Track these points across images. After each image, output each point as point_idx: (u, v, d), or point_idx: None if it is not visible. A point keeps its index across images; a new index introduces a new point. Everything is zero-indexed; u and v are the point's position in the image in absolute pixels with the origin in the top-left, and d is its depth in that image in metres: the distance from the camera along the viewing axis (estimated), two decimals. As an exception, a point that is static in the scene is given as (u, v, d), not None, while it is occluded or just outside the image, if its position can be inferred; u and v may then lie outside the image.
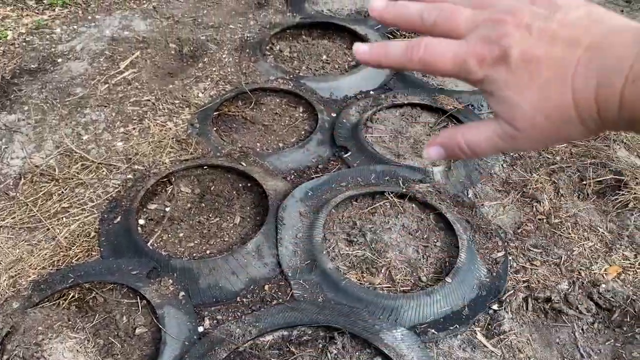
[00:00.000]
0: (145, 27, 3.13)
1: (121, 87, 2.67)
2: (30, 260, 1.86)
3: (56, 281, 1.76)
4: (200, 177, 2.17)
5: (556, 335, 1.72)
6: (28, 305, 1.68)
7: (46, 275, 1.80)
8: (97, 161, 2.22)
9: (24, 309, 1.67)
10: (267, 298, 1.76)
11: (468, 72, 0.46)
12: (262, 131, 2.43)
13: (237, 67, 2.82)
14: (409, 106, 2.54)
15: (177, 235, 1.95)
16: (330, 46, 2.96)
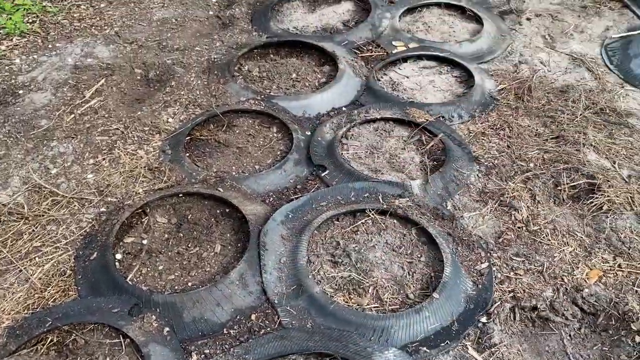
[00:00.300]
0: (108, 54, 3.06)
1: (88, 116, 2.60)
2: (2, 305, 1.77)
3: (33, 326, 1.68)
4: (176, 205, 2.12)
5: (545, 343, 1.72)
6: (4, 354, 1.60)
7: (21, 320, 1.72)
8: (68, 196, 2.15)
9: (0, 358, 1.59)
10: (255, 328, 1.73)
11: None
12: (237, 154, 2.40)
13: (206, 90, 2.78)
14: (382, 121, 2.54)
15: (156, 268, 1.90)
16: (299, 64, 2.95)
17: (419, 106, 2.61)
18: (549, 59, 3.05)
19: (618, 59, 3.01)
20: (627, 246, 1.98)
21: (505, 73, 2.92)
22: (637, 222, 2.06)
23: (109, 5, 3.53)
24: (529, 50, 3.13)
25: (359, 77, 2.84)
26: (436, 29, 3.29)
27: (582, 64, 3.01)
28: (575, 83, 2.83)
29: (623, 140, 2.45)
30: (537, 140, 2.46)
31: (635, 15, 3.39)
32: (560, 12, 3.47)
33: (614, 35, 3.21)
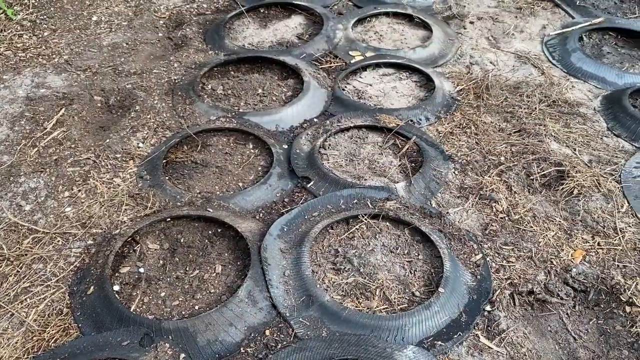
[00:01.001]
0: (62, 83, 2.95)
1: (53, 148, 2.50)
2: None
3: (38, 370, 1.60)
4: (166, 230, 2.08)
5: (547, 324, 1.82)
6: (13, 403, 1.51)
7: (23, 366, 1.63)
8: (49, 232, 2.05)
9: (10, 409, 1.50)
10: (271, 343, 1.72)
11: None
12: (217, 173, 2.38)
13: (172, 112, 2.74)
14: (355, 129, 2.60)
15: (158, 295, 1.85)
16: (263, 79, 2.96)
17: (388, 112, 2.69)
18: (497, 58, 3.23)
19: (559, 54, 3.23)
20: (602, 225, 2.13)
21: (460, 75, 3.07)
22: (606, 202, 2.22)
23: (52, 33, 3.41)
24: (477, 51, 3.30)
25: (324, 88, 2.90)
26: (388, 37, 3.40)
27: (527, 61, 3.21)
28: (526, 79, 3.01)
29: (579, 129, 2.63)
30: (502, 135, 2.59)
31: (566, 13, 3.66)
32: (499, 14, 3.68)
33: (552, 32, 3.44)
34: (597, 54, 3.25)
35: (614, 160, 2.43)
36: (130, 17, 3.61)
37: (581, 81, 3.02)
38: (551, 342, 1.77)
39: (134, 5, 3.74)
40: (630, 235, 2.09)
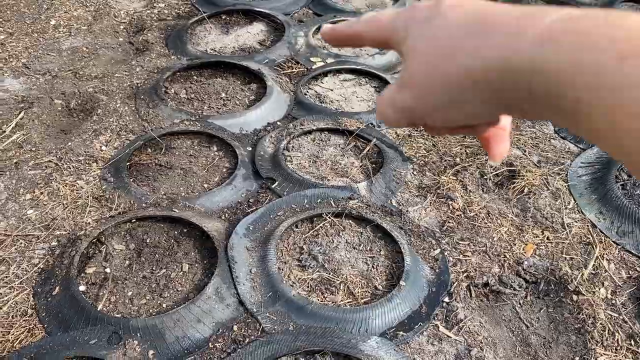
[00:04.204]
0: (20, 86, 2.92)
1: (12, 152, 2.47)
2: (-39, 355, 1.65)
3: (3, 371, 1.59)
4: (132, 231, 2.09)
5: (501, 313, 1.93)
6: (-22, 404, 1.50)
7: (-12, 367, 1.62)
8: (11, 234, 2.03)
9: (-25, 410, 1.48)
10: (239, 338, 1.76)
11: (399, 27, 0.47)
12: (182, 175, 2.40)
13: (135, 115, 2.75)
14: (317, 131, 2.68)
15: (125, 295, 1.86)
16: (226, 84, 3.00)
17: (349, 115, 2.77)
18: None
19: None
20: (550, 221, 2.27)
21: (418, 80, 3.18)
22: (554, 200, 2.36)
23: (9, 36, 3.35)
24: (433, 58, 3.43)
25: (286, 92, 2.96)
26: (348, 44, 3.49)
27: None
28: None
29: (528, 132, 2.78)
30: (457, 138, 2.72)
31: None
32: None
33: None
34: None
35: (560, 161, 2.58)
36: (90, 22, 3.59)
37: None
38: (505, 330, 1.87)
39: (93, 10, 3.72)
40: (577, 229, 2.22)
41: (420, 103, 0.44)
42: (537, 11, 0.37)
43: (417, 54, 0.43)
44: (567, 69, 0.33)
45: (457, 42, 0.40)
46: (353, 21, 0.53)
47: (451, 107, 0.42)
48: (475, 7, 0.42)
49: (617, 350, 1.81)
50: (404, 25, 0.46)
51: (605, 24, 0.33)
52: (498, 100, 0.39)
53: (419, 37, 0.44)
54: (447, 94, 0.41)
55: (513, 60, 0.36)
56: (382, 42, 0.50)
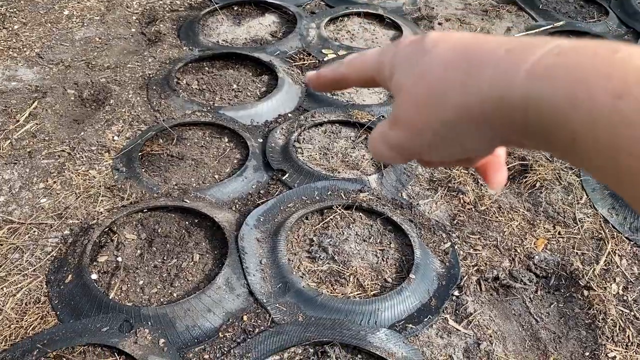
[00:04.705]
0: (34, 76, 2.94)
1: (26, 141, 2.49)
2: (-24, 341, 1.68)
3: (17, 357, 1.61)
4: (144, 221, 2.10)
5: (511, 308, 1.93)
6: (-7, 388, 1.53)
7: (2, 354, 1.64)
8: (25, 222, 2.06)
9: (-11, 394, 1.51)
10: (249, 328, 1.77)
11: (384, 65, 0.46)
12: (194, 166, 2.41)
13: (147, 106, 2.76)
14: (328, 123, 2.67)
15: (137, 283, 1.88)
16: (237, 75, 3.00)
17: (360, 108, 2.77)
18: (464, 58, 3.34)
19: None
20: (562, 216, 2.25)
21: (430, 73, 3.16)
22: (566, 195, 2.35)
23: (23, 26, 3.37)
24: (445, 51, 3.41)
25: (297, 84, 2.96)
26: (360, 37, 3.48)
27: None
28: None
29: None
30: (470, 131, 2.70)
31: (530, 16, 3.81)
32: (466, 17, 3.81)
33: (517, 34, 3.58)
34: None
35: (573, 155, 2.56)
36: (103, 12, 3.60)
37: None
38: (515, 324, 1.87)
39: (106, 1, 3.73)
40: (588, 224, 2.21)
41: (414, 141, 0.43)
42: (526, 44, 0.37)
43: (407, 92, 0.43)
44: (562, 105, 0.33)
45: (447, 79, 0.40)
46: (337, 64, 0.52)
47: (447, 143, 0.42)
48: (462, 42, 0.41)
49: (628, 346, 1.80)
50: (390, 62, 0.45)
51: (597, 59, 0.32)
52: (494, 134, 0.39)
53: (406, 75, 0.43)
54: (442, 131, 0.41)
55: (506, 97, 0.36)
56: (369, 81, 0.49)
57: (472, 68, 0.38)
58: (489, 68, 0.37)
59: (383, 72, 0.46)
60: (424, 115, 0.41)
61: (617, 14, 3.82)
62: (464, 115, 0.39)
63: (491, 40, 0.39)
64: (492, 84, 0.37)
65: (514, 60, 0.36)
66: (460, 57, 0.40)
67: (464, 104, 0.38)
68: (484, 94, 0.37)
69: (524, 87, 0.35)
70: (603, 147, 0.32)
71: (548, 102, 0.33)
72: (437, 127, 0.41)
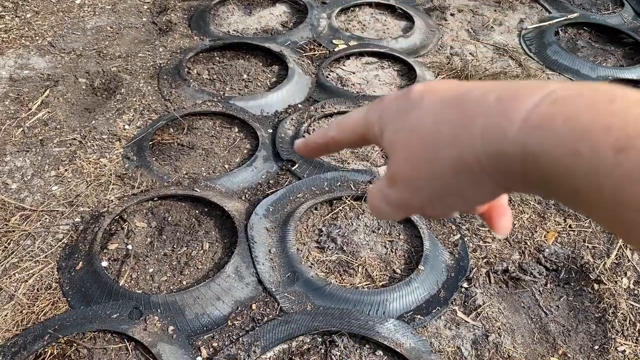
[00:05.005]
0: (45, 64, 2.95)
1: (38, 129, 2.50)
2: (-11, 325, 1.70)
3: (29, 342, 1.63)
4: (154, 209, 2.11)
5: (520, 300, 1.92)
6: (5, 372, 1.55)
7: (14, 338, 1.66)
8: (37, 209, 2.07)
9: (2, 378, 1.53)
10: (257, 316, 1.78)
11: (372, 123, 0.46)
12: (204, 155, 2.42)
13: (158, 95, 2.76)
14: (338, 114, 2.66)
15: (147, 271, 1.89)
16: (248, 65, 3.00)
17: (370, 99, 2.75)
18: (476, 50, 3.32)
19: (535, 47, 3.33)
20: (573, 209, 2.23)
21: (441, 65, 3.15)
22: (577, 188, 2.33)
23: (35, 15, 3.39)
24: (457, 43, 3.39)
25: (308, 75, 2.95)
26: (371, 27, 3.46)
27: (505, 53, 3.31)
28: (504, 70, 3.11)
29: (553, 118, 2.73)
30: (481, 123, 2.68)
31: (543, 7, 3.76)
32: (479, 7, 3.77)
33: (529, 26, 3.55)
34: (572, 48, 3.36)
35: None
36: (114, 1, 3.60)
37: (556, 73, 3.13)
38: (524, 317, 1.86)
39: (118, -10, 3.73)
40: (600, 218, 2.19)
41: (414, 197, 0.42)
42: (517, 91, 0.36)
43: (400, 149, 0.42)
44: (563, 160, 0.32)
45: (439, 133, 0.39)
46: (324, 129, 0.52)
47: (447, 197, 0.41)
48: (449, 92, 0.40)
49: (638, 340, 1.79)
50: (378, 120, 0.45)
51: (594, 109, 0.32)
52: (494, 185, 0.38)
53: (396, 132, 0.42)
54: (441, 186, 0.40)
55: (502, 150, 0.35)
56: (359, 141, 0.49)
57: (463, 120, 0.37)
58: (480, 118, 0.36)
59: (373, 130, 0.45)
60: (421, 171, 0.40)
61: (632, 6, 3.78)
62: (460, 168, 0.38)
63: (479, 88, 0.38)
64: (484, 136, 0.36)
65: (505, 110, 0.35)
66: (449, 109, 0.39)
67: (459, 157, 0.37)
68: (478, 147, 0.36)
69: (520, 139, 0.34)
70: (608, 202, 0.31)
71: (547, 155, 0.32)
72: (435, 183, 0.40)
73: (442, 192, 0.40)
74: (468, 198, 0.40)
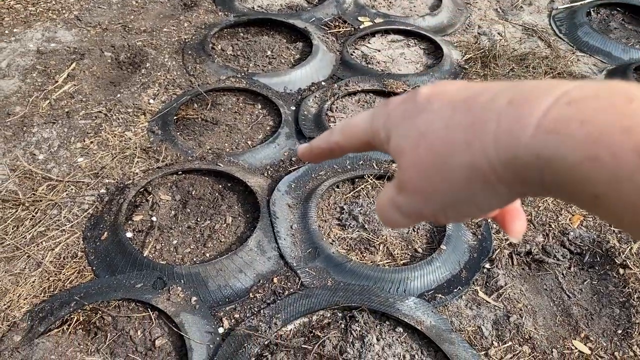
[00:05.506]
0: (72, 38, 2.97)
1: (64, 101, 2.53)
2: (17, 291, 1.74)
3: (55, 308, 1.67)
4: (178, 183, 2.13)
5: (542, 283, 1.90)
6: (33, 335, 1.59)
7: (41, 303, 1.70)
8: (63, 180, 2.11)
9: (30, 340, 1.57)
10: (279, 290, 1.79)
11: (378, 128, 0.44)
12: (227, 131, 2.42)
13: (183, 70, 2.77)
14: (362, 93, 2.64)
15: (170, 243, 1.91)
16: (272, 42, 2.99)
17: (395, 77, 2.73)
18: (504, 30, 3.25)
19: (566, 28, 3.25)
20: (600, 193, 2.20)
21: (468, 44, 3.09)
22: (605, 171, 2.28)
23: (62, -12, 3.40)
24: (485, 22, 3.32)
25: (332, 52, 2.92)
26: (397, 4, 3.41)
27: (534, 34, 3.23)
28: (532, 51, 3.05)
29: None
30: (507, 104, 2.64)
31: (575, -13, 3.66)
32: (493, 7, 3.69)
33: (560, 6, 3.46)
34: (604, 29, 3.27)
35: (615, 132, 2.48)
36: (140, -24, 3.60)
37: (587, 55, 3.05)
38: (546, 299, 1.85)
39: (144, -36, 3.73)
40: (627, 203, 2.15)
41: (426, 206, 0.40)
42: (529, 92, 0.34)
43: (409, 155, 0.40)
44: (580, 165, 0.30)
45: (450, 139, 0.37)
46: (328, 134, 0.50)
47: (460, 205, 0.39)
48: (458, 96, 0.38)
49: (663, 326, 1.76)
50: (384, 125, 0.43)
51: (612, 111, 0.30)
52: (510, 191, 0.36)
53: (404, 137, 0.40)
54: (453, 194, 0.38)
55: (517, 156, 0.33)
56: (364, 147, 0.47)
57: (474, 125, 0.36)
58: (492, 123, 0.35)
59: (378, 136, 0.43)
60: (432, 179, 0.38)
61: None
62: (474, 175, 0.36)
63: (489, 90, 0.37)
64: (497, 142, 0.34)
65: (518, 114, 0.33)
66: (459, 113, 0.37)
67: (472, 164, 0.36)
68: (491, 154, 0.34)
69: (535, 145, 0.32)
70: (629, 206, 0.30)
71: (564, 161, 0.31)
72: (448, 190, 0.38)
73: (455, 199, 0.38)
74: (482, 205, 0.38)
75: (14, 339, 1.59)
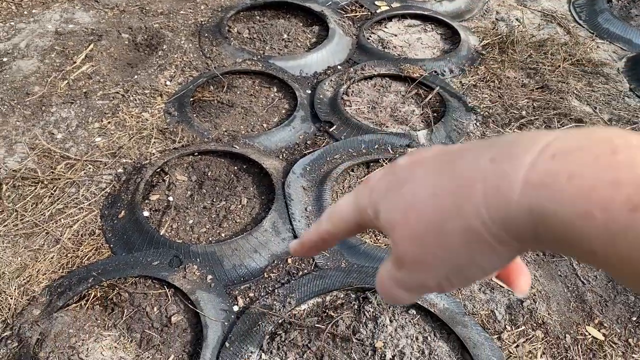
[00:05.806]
0: (90, 19, 2.99)
1: (82, 82, 2.55)
2: (36, 266, 1.77)
3: (74, 283, 1.70)
4: (194, 164, 2.15)
5: (557, 269, 1.90)
6: (52, 310, 1.62)
7: (60, 279, 1.73)
8: (81, 159, 2.13)
9: (49, 314, 1.60)
10: (293, 270, 1.81)
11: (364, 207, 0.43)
12: (243, 114, 2.43)
13: (199, 52, 2.78)
14: (378, 77, 2.63)
15: (186, 222, 1.93)
16: (288, 25, 2.98)
17: (412, 62, 2.71)
18: (523, 16, 3.22)
19: (586, 15, 3.21)
20: (617, 180, 2.18)
21: (486, 30, 3.06)
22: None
23: (80, -30, 3.41)
24: (503, 8, 3.28)
25: (349, 36, 2.91)
26: (415, -10, 3.38)
27: (553, 20, 3.19)
28: (551, 37, 3.01)
29: (601, 88, 2.65)
30: (525, 90, 2.62)
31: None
32: None
33: (580, -8, 3.41)
34: (625, 16, 3.22)
35: (634, 120, 2.46)
36: (157, -42, 3.60)
37: (607, 42, 3.01)
38: (560, 285, 1.85)
39: (161, -53, 3.73)
40: (645, 191, 2.13)
41: (430, 276, 0.39)
42: (509, 148, 0.34)
43: (401, 227, 0.39)
44: (573, 222, 0.30)
45: (440, 206, 0.36)
46: (316, 225, 0.49)
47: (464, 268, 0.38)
48: (439, 159, 0.38)
49: (678, 314, 1.75)
50: (370, 202, 0.42)
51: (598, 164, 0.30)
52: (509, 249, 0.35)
53: (393, 210, 0.39)
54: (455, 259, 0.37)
55: (509, 215, 0.33)
56: (355, 229, 0.46)
57: (461, 188, 0.35)
58: (478, 184, 0.34)
59: (366, 214, 0.43)
60: (429, 248, 0.38)
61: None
62: (470, 238, 0.35)
63: (469, 150, 0.36)
64: (488, 202, 0.34)
65: (503, 172, 0.33)
66: (444, 178, 0.37)
67: (466, 227, 0.35)
68: (484, 215, 0.34)
69: (525, 201, 0.32)
70: (626, 260, 0.29)
71: (557, 217, 0.31)
72: (447, 257, 0.37)
73: (456, 265, 0.37)
74: (484, 266, 0.37)
75: (34, 312, 1.63)
